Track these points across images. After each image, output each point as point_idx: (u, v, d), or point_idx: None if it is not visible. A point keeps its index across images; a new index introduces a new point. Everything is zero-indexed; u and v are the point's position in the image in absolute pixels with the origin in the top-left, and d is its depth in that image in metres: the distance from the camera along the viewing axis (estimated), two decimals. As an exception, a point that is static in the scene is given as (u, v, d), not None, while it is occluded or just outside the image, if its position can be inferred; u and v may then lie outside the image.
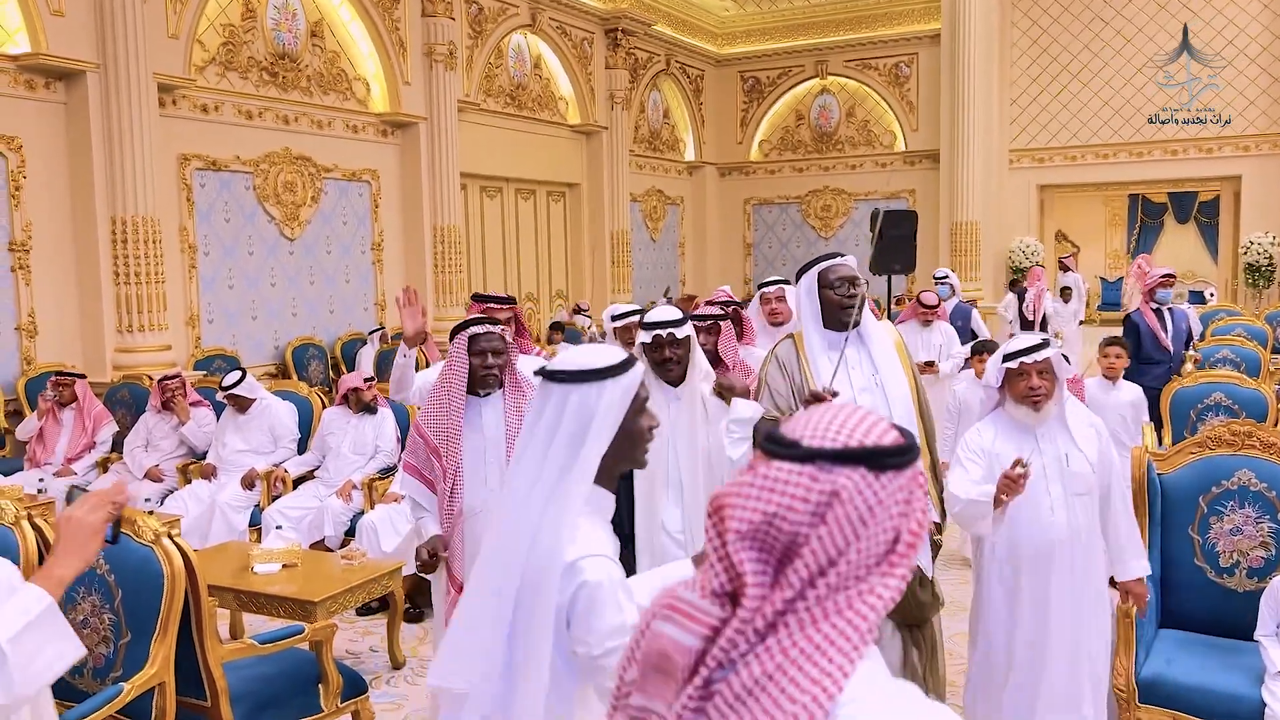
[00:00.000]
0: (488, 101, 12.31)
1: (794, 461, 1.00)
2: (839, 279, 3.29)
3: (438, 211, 11.16)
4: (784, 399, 3.29)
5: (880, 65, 15.89)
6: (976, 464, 3.21)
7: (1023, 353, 3.16)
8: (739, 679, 0.98)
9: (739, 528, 1.00)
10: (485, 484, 3.25)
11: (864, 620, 0.98)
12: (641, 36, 14.81)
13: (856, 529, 0.98)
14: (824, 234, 16.42)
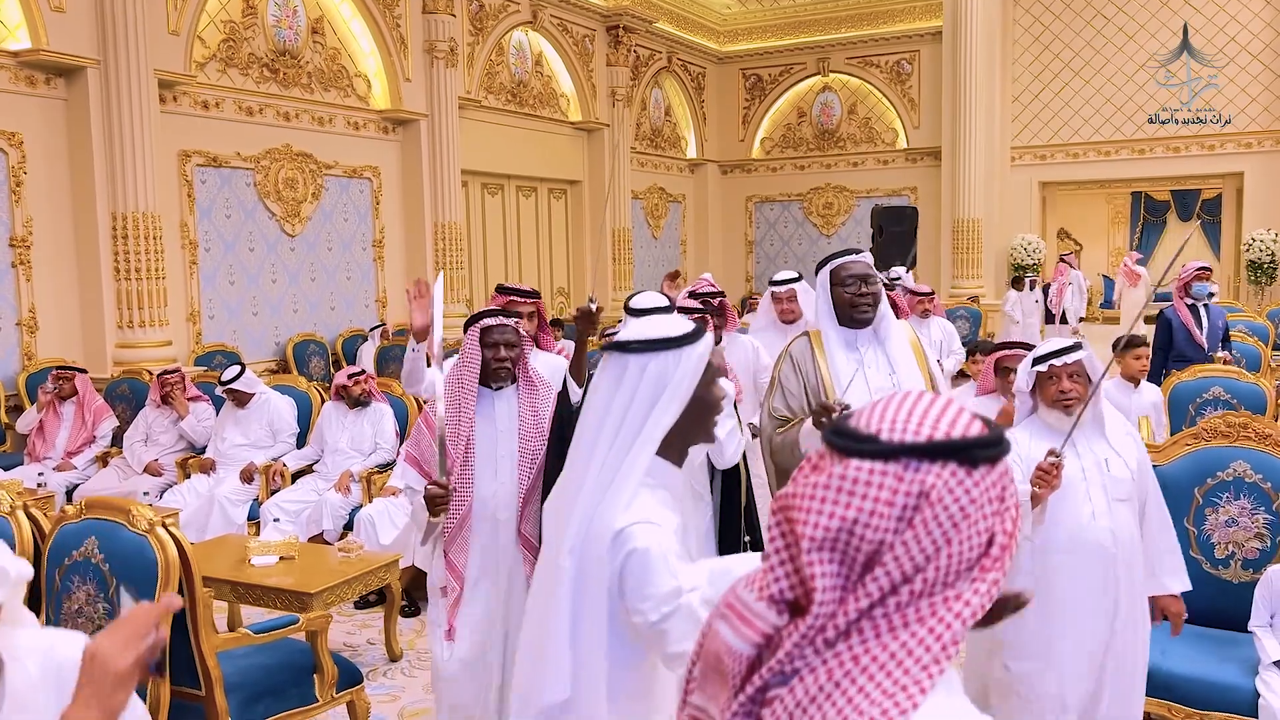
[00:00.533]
0: (489, 98, 12.32)
1: (875, 459, 0.89)
2: (851, 276, 3.24)
3: (439, 208, 11.16)
4: (796, 399, 3.23)
5: (882, 62, 15.88)
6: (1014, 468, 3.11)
7: (1052, 355, 3.01)
8: (801, 687, 0.90)
9: (814, 535, 0.90)
10: (495, 476, 3.19)
11: (948, 629, 0.88)
12: (643, 34, 14.81)
13: (948, 532, 0.88)
14: (826, 232, 16.41)
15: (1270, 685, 3.09)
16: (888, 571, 0.88)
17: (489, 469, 3.18)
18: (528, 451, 3.19)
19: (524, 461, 3.19)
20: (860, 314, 3.21)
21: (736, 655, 0.95)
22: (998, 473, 0.91)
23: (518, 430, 3.20)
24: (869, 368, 3.18)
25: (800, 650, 0.91)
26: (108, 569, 3.01)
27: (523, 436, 3.20)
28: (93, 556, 3.03)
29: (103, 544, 3.03)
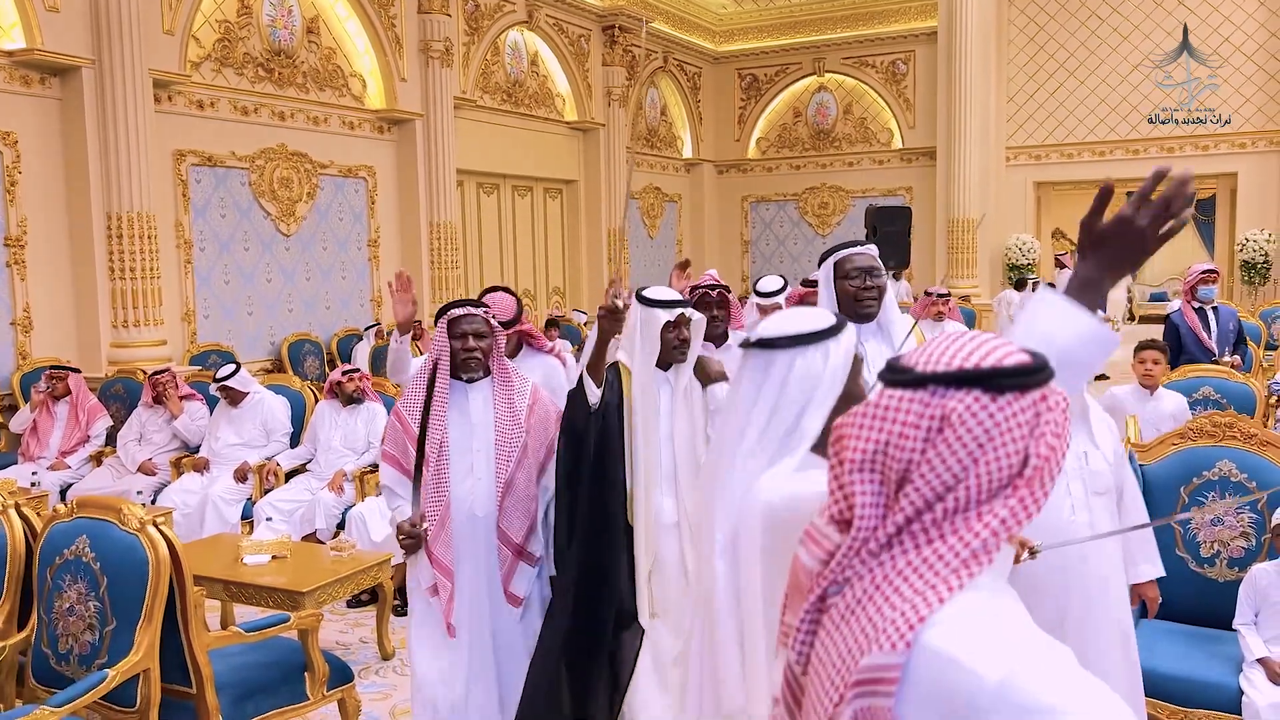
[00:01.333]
0: (484, 98, 12.33)
1: (906, 388, 0.99)
2: (855, 269, 3.14)
3: (434, 208, 11.17)
4: None
5: (877, 63, 15.91)
6: None
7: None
8: (850, 593, 0.99)
9: (854, 457, 1.00)
10: (472, 471, 3.13)
11: (976, 537, 0.95)
12: (639, 34, 14.82)
13: (973, 453, 0.95)
14: (821, 231, 16.44)
15: (1253, 682, 3.11)
16: (918, 489, 0.96)
17: (464, 464, 3.12)
18: (505, 445, 3.13)
19: (501, 456, 3.13)
20: (865, 308, 3.11)
21: (809, 572, 1.05)
22: (1029, 399, 0.96)
23: (494, 423, 3.14)
24: (873, 363, 3.03)
25: (849, 560, 1.00)
26: (99, 568, 3.02)
27: (499, 430, 3.13)
28: (84, 555, 3.04)
29: (94, 543, 3.04)
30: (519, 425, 3.15)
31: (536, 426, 3.22)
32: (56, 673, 3.06)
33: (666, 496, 3.15)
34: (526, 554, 3.18)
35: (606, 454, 3.06)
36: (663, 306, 3.09)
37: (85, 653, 3.02)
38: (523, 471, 3.16)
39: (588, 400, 3.09)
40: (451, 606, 3.09)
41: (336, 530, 5.68)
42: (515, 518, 3.13)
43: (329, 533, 5.68)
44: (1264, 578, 3.28)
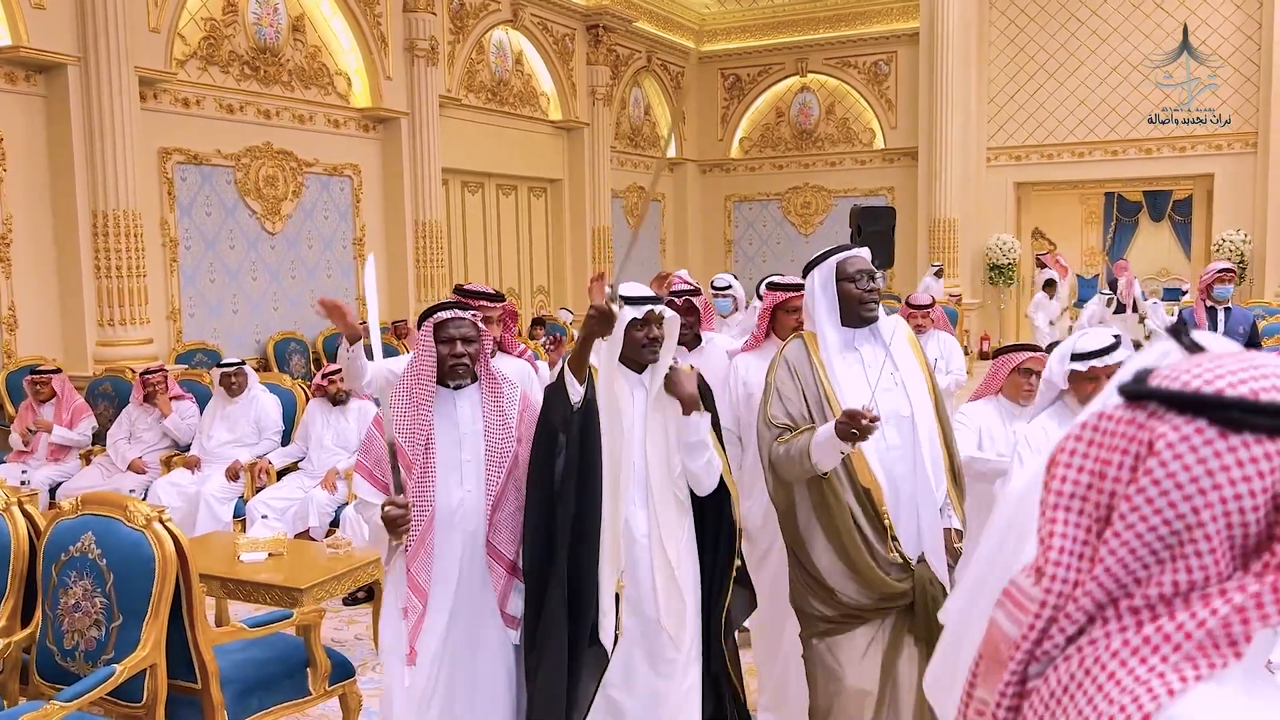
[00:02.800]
0: (469, 97, 12.34)
1: (1125, 406, 0.79)
2: (859, 271, 2.98)
3: (419, 206, 11.18)
4: (795, 405, 2.94)
5: (860, 63, 16.02)
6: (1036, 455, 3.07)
7: (1094, 354, 2.94)
8: (1053, 679, 0.80)
9: (1060, 488, 0.82)
10: (461, 484, 2.92)
11: (1214, 616, 0.74)
12: (622, 33, 14.87)
13: (1190, 498, 0.74)
14: (804, 231, 16.53)
15: None
16: (1121, 536, 0.77)
17: (453, 476, 2.91)
18: (495, 455, 2.93)
19: (491, 466, 2.92)
20: (869, 310, 2.97)
21: (1009, 640, 0.86)
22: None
23: (483, 432, 2.94)
24: (869, 367, 2.97)
25: (1049, 631, 0.81)
26: (105, 564, 3.04)
27: (489, 439, 2.93)
28: (90, 552, 3.06)
29: (99, 539, 3.06)
30: (510, 434, 2.96)
31: (527, 435, 3.00)
32: (62, 669, 3.08)
33: (638, 507, 2.95)
34: (518, 570, 2.96)
35: (588, 455, 2.85)
36: (631, 303, 2.91)
37: (91, 649, 3.04)
38: (514, 483, 2.95)
39: (569, 397, 2.87)
40: (419, 630, 2.85)
41: (330, 528, 5.70)
42: (507, 533, 2.94)
43: (322, 530, 5.69)
44: None
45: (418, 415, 2.88)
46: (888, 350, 2.99)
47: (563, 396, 2.87)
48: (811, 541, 2.94)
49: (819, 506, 2.91)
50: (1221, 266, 6.78)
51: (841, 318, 2.99)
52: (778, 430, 2.92)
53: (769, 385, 3.01)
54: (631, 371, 2.98)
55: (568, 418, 2.86)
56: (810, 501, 2.93)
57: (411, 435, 2.87)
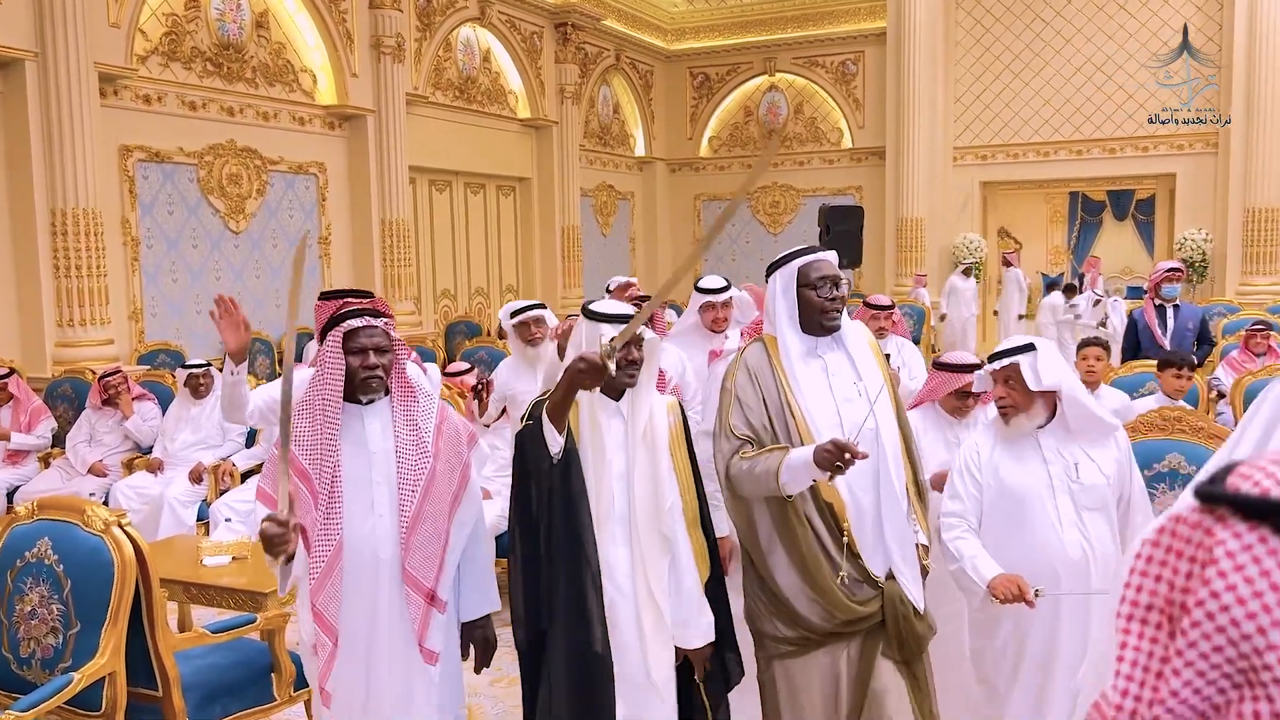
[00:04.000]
0: (436, 95, 12.25)
1: (1198, 509, 0.72)
2: (822, 278, 2.80)
3: (386, 205, 11.08)
4: (756, 414, 2.75)
5: (827, 63, 16.08)
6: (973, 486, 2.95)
7: (993, 358, 2.95)
8: None
9: (1131, 597, 0.74)
10: (372, 509, 2.64)
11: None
12: (591, 31, 14.83)
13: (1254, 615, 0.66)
14: (772, 230, 16.58)
15: None
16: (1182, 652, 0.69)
17: (363, 501, 2.63)
18: (409, 475, 2.66)
19: (405, 488, 2.65)
20: (830, 320, 2.80)
21: None
22: None
23: (395, 450, 2.67)
24: (833, 375, 2.81)
25: None
26: (62, 570, 2.98)
27: (402, 458, 2.67)
28: (46, 558, 2.99)
29: (56, 545, 3.00)
30: (425, 450, 2.69)
31: (446, 450, 2.74)
32: (18, 677, 3.01)
33: (619, 545, 2.66)
34: (438, 600, 2.69)
35: (573, 514, 2.61)
36: (608, 321, 2.70)
37: (48, 656, 2.97)
38: (431, 504, 2.67)
39: (547, 449, 2.60)
40: (330, 670, 2.58)
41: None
42: (424, 558, 2.66)
43: (287, 533, 5.62)
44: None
45: (325, 434, 2.59)
46: (851, 359, 2.84)
47: (539, 445, 2.62)
48: (772, 559, 2.78)
49: (780, 523, 2.74)
50: (1169, 266, 6.89)
51: (802, 325, 2.83)
52: (739, 442, 2.73)
53: (727, 392, 2.82)
54: (608, 399, 2.71)
55: (544, 469, 2.61)
56: (771, 517, 2.77)
57: (318, 457, 2.58)
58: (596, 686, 2.58)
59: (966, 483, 2.96)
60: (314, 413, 2.61)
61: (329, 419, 2.60)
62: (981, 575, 2.79)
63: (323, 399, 2.61)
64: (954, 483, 2.99)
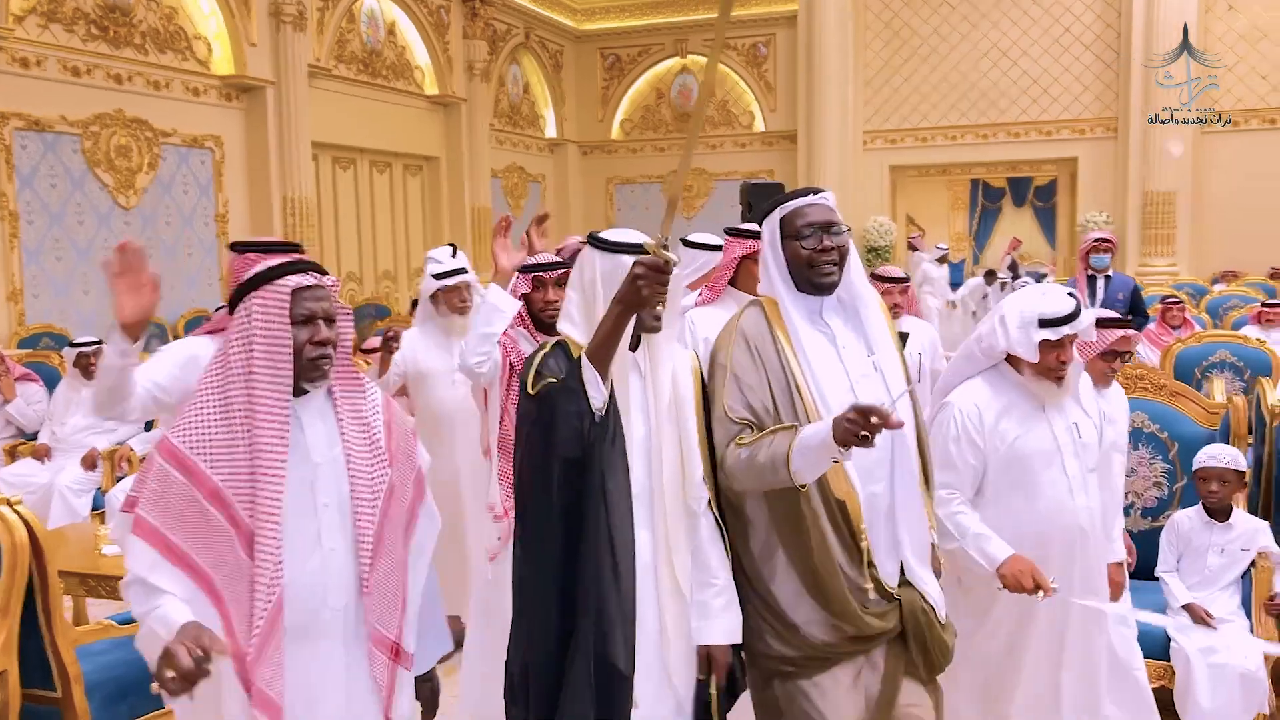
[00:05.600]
0: (340, 68, 11.74)
1: None
2: (808, 225, 2.32)
3: (287, 182, 10.56)
4: (759, 395, 2.29)
5: (739, 45, 16.01)
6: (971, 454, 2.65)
7: (1061, 321, 2.59)
8: None
9: None
10: (319, 542, 1.98)
11: None
12: (500, 7, 14.45)
13: None
14: (686, 214, 16.46)
15: (1182, 629, 3.14)
16: None
17: (306, 533, 1.97)
18: (366, 493, 2.02)
19: (363, 510, 2.01)
20: (822, 276, 2.31)
21: None
22: None
23: (345, 460, 2.03)
24: (844, 347, 2.34)
25: None
26: (-60, 556, 2.59)
27: (355, 469, 2.03)
28: (-79, 543, 2.60)
29: (-67, 528, 2.61)
30: (380, 457, 2.07)
31: (399, 453, 2.13)
32: (-112, 682, 2.61)
33: (640, 528, 2.18)
34: (404, 655, 2.12)
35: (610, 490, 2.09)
36: (630, 251, 2.18)
37: (-75, 656, 2.58)
38: (390, 528, 2.07)
39: (587, 402, 2.04)
40: None
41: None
42: (385, 604, 2.06)
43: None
44: (1185, 523, 3.32)
45: (263, 440, 1.90)
46: (864, 326, 2.37)
47: (576, 400, 2.04)
48: (770, 566, 2.32)
49: (783, 522, 2.28)
50: (1097, 235, 6.85)
51: (796, 284, 2.35)
52: (737, 427, 2.27)
53: (722, 368, 2.35)
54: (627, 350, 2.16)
55: (584, 433, 2.05)
56: (770, 516, 2.30)
57: (244, 474, 1.89)
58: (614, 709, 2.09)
59: (964, 450, 2.65)
60: (234, 407, 1.91)
61: (271, 416, 1.91)
62: (991, 557, 2.51)
63: (256, 387, 1.91)
64: (947, 450, 2.65)
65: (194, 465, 1.88)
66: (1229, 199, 13.68)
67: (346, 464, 2.02)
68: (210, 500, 1.88)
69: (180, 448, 1.89)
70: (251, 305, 1.95)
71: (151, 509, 1.87)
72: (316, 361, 1.98)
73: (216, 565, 1.88)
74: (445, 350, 4.29)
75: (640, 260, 1.96)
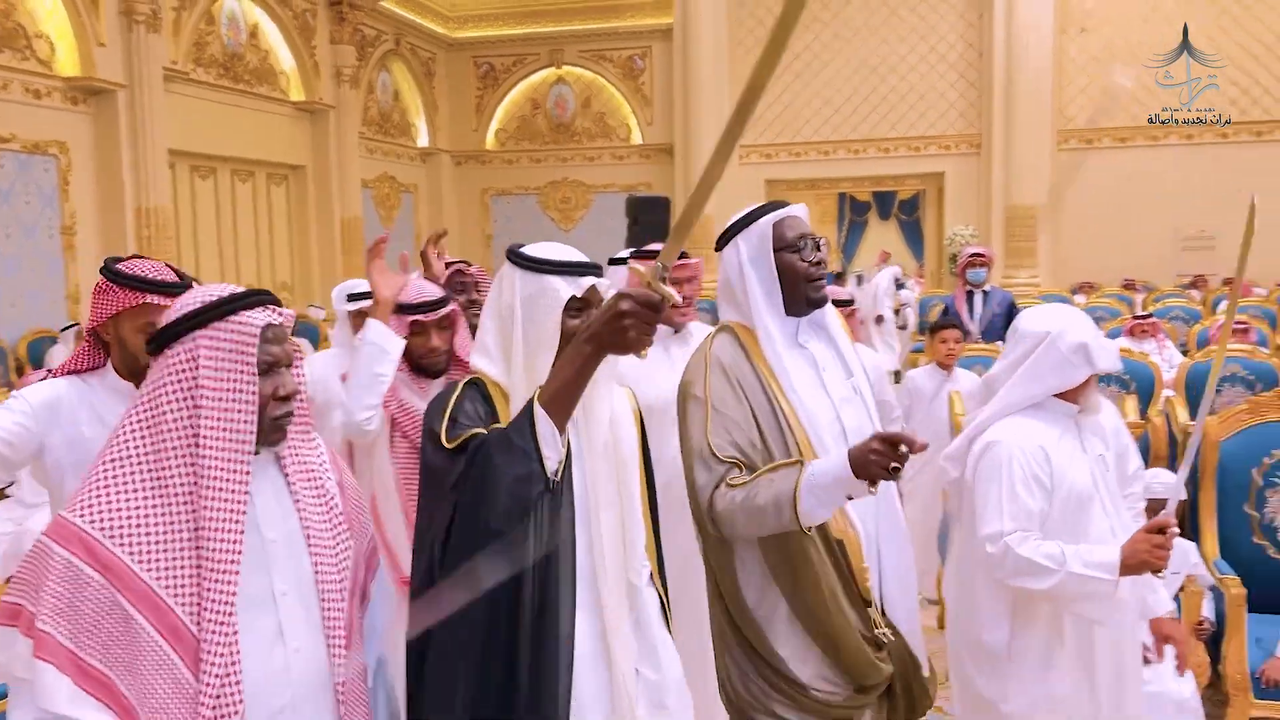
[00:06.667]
0: (198, 71, 11.08)
1: None
2: (801, 237, 2.15)
3: (141, 191, 9.89)
4: (745, 430, 2.06)
5: (615, 57, 15.91)
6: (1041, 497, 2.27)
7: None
8: None
9: None
10: (281, 638, 1.59)
11: None
12: (369, 11, 13.95)
13: None
14: (564, 226, 16.24)
15: None
16: None
17: (263, 629, 1.57)
18: (332, 572, 1.65)
19: (330, 593, 1.64)
20: (817, 291, 2.16)
21: None
22: None
23: (303, 533, 1.64)
24: (824, 370, 2.17)
25: None
26: None
27: (316, 544, 1.64)
28: None
29: None
30: (341, 524, 1.71)
31: (355, 520, 1.77)
32: None
33: (580, 610, 1.79)
34: None
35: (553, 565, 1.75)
36: (560, 271, 1.83)
37: None
38: (355, 608, 1.74)
39: (538, 459, 1.64)
40: None
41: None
42: (353, 703, 1.69)
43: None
44: None
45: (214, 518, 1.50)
46: (836, 346, 2.22)
47: (524, 461, 1.64)
48: (771, 622, 2.08)
49: (781, 570, 2.05)
50: (973, 251, 6.93)
51: (785, 305, 2.14)
52: (724, 468, 2.01)
53: (698, 402, 2.09)
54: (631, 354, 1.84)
55: (531, 502, 1.67)
56: (765, 565, 2.07)
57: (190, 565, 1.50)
58: None
59: (1032, 493, 2.26)
60: (171, 481, 1.49)
61: (224, 492, 1.50)
62: (1107, 564, 2.12)
63: (206, 454, 1.50)
64: (1015, 494, 2.26)
65: (116, 560, 1.44)
66: (1084, 213, 14.33)
67: (306, 540, 1.63)
68: (139, 606, 1.45)
69: (94, 536, 1.44)
70: (198, 348, 1.52)
71: (58, 622, 1.41)
72: (280, 421, 1.58)
73: (144, 696, 1.44)
74: None
75: (629, 294, 1.57)
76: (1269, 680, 3.11)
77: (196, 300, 1.56)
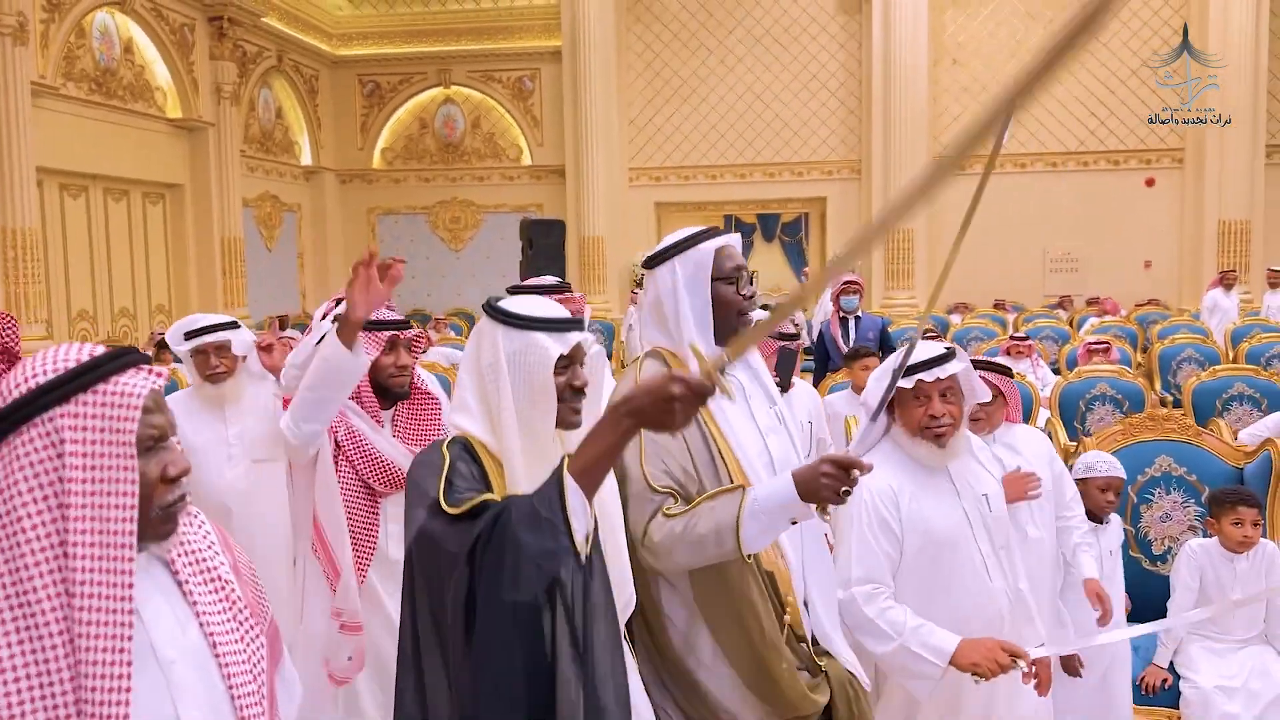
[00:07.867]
0: (68, 86, 10.61)
1: None
2: (737, 268, 2.15)
3: (6, 211, 9.41)
4: (678, 459, 2.05)
5: (504, 78, 15.88)
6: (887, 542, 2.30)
7: (923, 366, 2.31)
8: None
9: None
10: None
11: None
12: (250, 28, 13.60)
13: None
14: (454, 246, 16.10)
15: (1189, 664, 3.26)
16: None
17: None
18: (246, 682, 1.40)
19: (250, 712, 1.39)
20: (747, 323, 2.17)
21: None
22: None
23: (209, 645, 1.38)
24: (751, 398, 2.19)
25: None
26: None
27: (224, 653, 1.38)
28: None
29: None
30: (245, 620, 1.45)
31: (255, 605, 1.50)
32: None
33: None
34: None
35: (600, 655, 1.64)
36: (546, 328, 1.77)
37: None
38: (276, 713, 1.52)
39: (570, 538, 1.54)
40: None
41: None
42: None
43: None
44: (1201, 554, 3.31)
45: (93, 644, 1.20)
46: (759, 376, 2.24)
47: (551, 534, 1.53)
48: (696, 653, 2.06)
49: (709, 601, 2.02)
50: (846, 279, 7.14)
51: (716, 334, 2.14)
52: (660, 498, 2.00)
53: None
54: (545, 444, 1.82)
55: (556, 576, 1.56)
56: (692, 595, 2.04)
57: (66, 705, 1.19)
58: None
59: (879, 538, 2.30)
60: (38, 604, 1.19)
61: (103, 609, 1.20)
62: (939, 649, 2.18)
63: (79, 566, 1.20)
64: (865, 538, 2.30)
65: None
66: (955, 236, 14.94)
67: (213, 652, 1.34)
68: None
69: None
70: (60, 429, 1.19)
71: None
72: (172, 509, 1.29)
73: None
74: (213, 421, 3.57)
75: (684, 379, 1.51)
76: (1148, 687, 3.32)
77: (45, 367, 1.22)
